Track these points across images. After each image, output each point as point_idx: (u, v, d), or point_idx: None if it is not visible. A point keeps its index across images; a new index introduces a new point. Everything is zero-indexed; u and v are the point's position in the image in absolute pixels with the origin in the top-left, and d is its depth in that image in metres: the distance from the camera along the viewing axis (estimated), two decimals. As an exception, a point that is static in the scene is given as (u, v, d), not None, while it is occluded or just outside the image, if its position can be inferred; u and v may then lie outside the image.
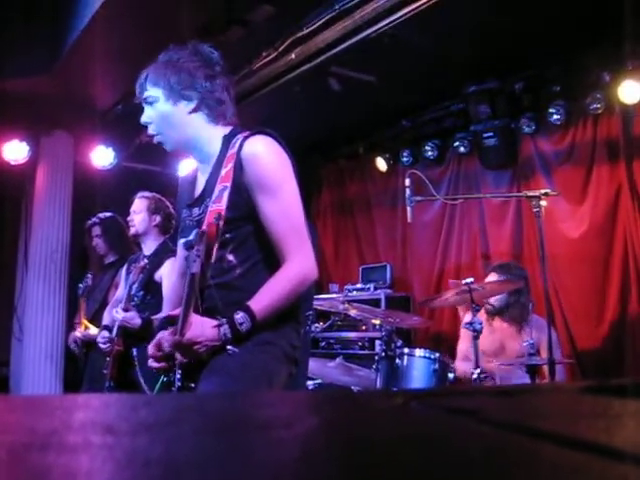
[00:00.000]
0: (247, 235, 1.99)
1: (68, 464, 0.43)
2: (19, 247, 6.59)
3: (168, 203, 4.18)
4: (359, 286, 6.47)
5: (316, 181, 7.37)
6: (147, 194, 4.14)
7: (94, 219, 4.87)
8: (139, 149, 6.64)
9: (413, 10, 3.99)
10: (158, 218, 4.08)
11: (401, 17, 4.08)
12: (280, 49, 4.55)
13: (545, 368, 3.82)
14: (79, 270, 5.78)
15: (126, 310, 3.76)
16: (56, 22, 5.02)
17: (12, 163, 6.11)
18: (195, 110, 2.06)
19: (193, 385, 1.95)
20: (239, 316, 1.87)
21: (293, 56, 4.63)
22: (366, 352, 5.90)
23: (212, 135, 2.09)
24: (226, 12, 4.30)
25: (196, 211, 2.08)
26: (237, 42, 4.19)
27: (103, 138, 6.44)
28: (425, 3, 3.92)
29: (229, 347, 1.87)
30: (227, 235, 1.95)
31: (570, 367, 4.79)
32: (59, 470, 0.41)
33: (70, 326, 5.28)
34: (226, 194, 1.93)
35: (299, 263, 1.96)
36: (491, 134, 5.55)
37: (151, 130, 2.10)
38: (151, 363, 2.05)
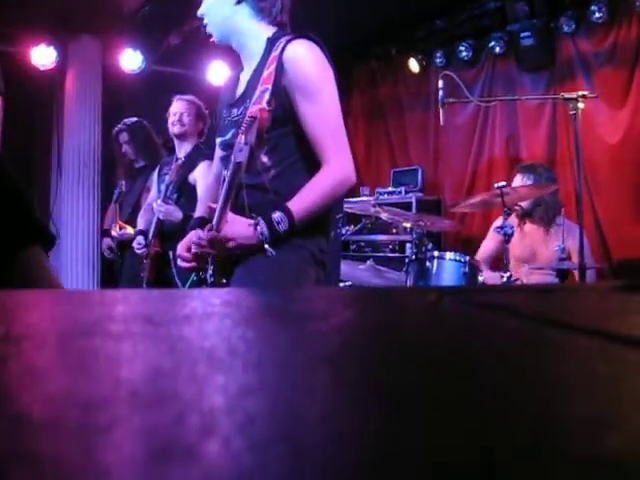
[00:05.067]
0: (283, 137, 1.98)
1: (113, 349, 0.45)
2: (52, 152, 6.63)
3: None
4: (390, 189, 6.43)
5: (347, 82, 7.20)
6: (193, 98, 4.15)
7: (120, 125, 4.83)
8: (168, 52, 6.54)
9: None
10: (201, 125, 4.12)
11: None
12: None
13: (576, 273, 3.80)
14: (109, 176, 5.83)
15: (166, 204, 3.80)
16: None
17: (41, 69, 6.07)
18: (240, 1, 2.06)
19: (225, 281, 1.98)
20: (276, 215, 1.87)
21: (323, -49, 4.47)
22: (396, 255, 5.93)
23: (256, 31, 2.09)
24: None
25: (235, 111, 2.08)
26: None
27: (131, 41, 6.33)
28: None
29: (268, 248, 1.87)
30: (263, 136, 1.94)
31: (602, 273, 4.77)
32: (105, 353, 0.43)
33: (103, 232, 5.34)
34: (266, 95, 1.90)
35: (338, 166, 1.95)
36: (528, 34, 5.34)
37: (205, 21, 2.15)
38: (180, 263, 2.08)
